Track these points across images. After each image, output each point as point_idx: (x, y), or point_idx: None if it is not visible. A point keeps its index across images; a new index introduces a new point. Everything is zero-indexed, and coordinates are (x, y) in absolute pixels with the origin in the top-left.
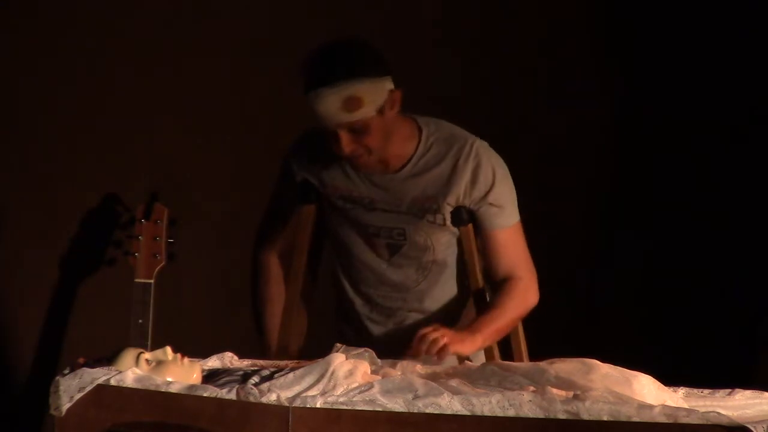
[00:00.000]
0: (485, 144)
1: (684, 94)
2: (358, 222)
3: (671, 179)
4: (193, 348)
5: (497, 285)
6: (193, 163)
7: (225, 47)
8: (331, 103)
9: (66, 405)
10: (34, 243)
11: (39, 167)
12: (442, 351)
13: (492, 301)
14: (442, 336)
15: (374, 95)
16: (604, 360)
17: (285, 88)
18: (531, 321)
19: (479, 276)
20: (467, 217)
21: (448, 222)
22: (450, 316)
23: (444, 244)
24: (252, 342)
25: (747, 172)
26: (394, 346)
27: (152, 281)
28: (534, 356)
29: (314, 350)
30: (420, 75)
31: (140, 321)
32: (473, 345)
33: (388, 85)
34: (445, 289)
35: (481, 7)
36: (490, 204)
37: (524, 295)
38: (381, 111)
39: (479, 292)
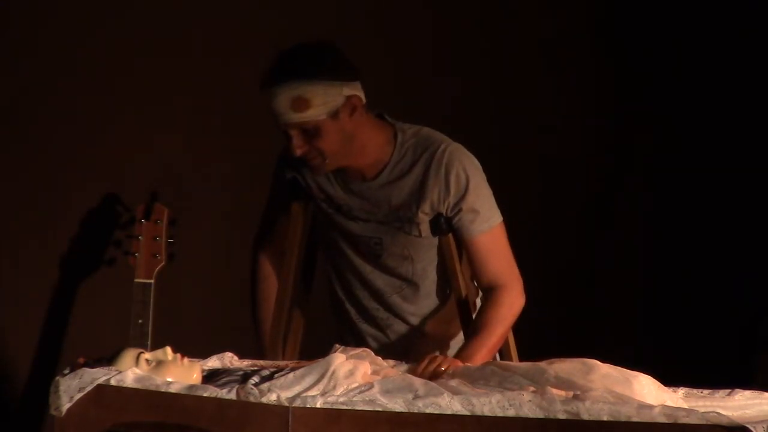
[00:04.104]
0: (458, 147)
1: (683, 94)
2: (340, 227)
3: (670, 179)
4: (193, 348)
5: (483, 294)
6: (193, 163)
7: (225, 47)
8: (280, 102)
9: (66, 405)
10: (34, 243)
11: (39, 167)
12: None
13: (479, 321)
14: (443, 364)
15: (324, 98)
16: (604, 360)
17: None
18: (529, 322)
19: (462, 285)
20: (446, 227)
21: (425, 234)
22: (435, 324)
23: (423, 254)
24: (252, 342)
25: (746, 171)
26: (384, 348)
27: (152, 281)
28: (532, 357)
29: (314, 350)
30: (417, 77)
31: (140, 321)
32: None
33: (346, 90)
34: (428, 298)
35: (480, 7)
36: (466, 210)
37: (510, 304)
38: (334, 115)
39: (463, 302)
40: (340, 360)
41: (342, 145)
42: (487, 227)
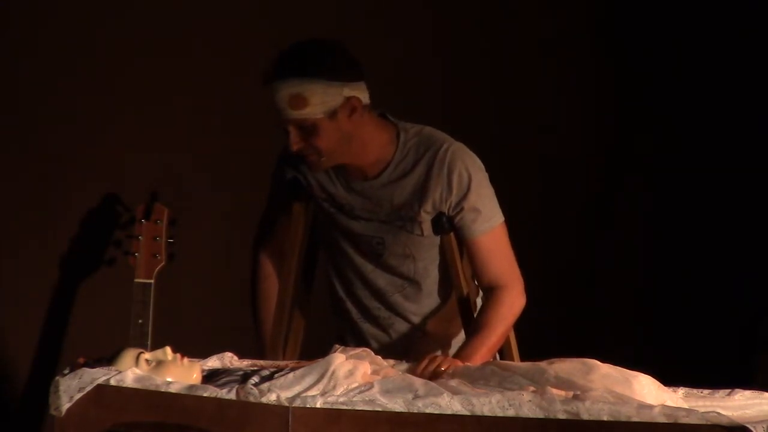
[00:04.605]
0: (461, 147)
1: (683, 94)
2: (342, 227)
3: (670, 179)
4: (193, 348)
5: (483, 292)
6: (193, 163)
7: (225, 47)
8: (279, 97)
9: (66, 405)
10: (34, 243)
11: (39, 167)
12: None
13: (480, 320)
14: (442, 364)
15: (322, 97)
16: (604, 360)
17: None
18: (530, 322)
19: (463, 285)
20: (448, 226)
21: (426, 232)
22: (436, 323)
23: (424, 253)
24: (252, 342)
25: (746, 171)
26: (385, 348)
27: (152, 281)
28: (533, 357)
29: (314, 350)
30: (417, 77)
31: (140, 321)
32: None
33: (347, 91)
34: (430, 297)
35: (480, 7)
36: (468, 209)
37: (510, 304)
38: (332, 115)
39: (465, 300)
40: (340, 360)
41: (339, 144)
42: (489, 227)
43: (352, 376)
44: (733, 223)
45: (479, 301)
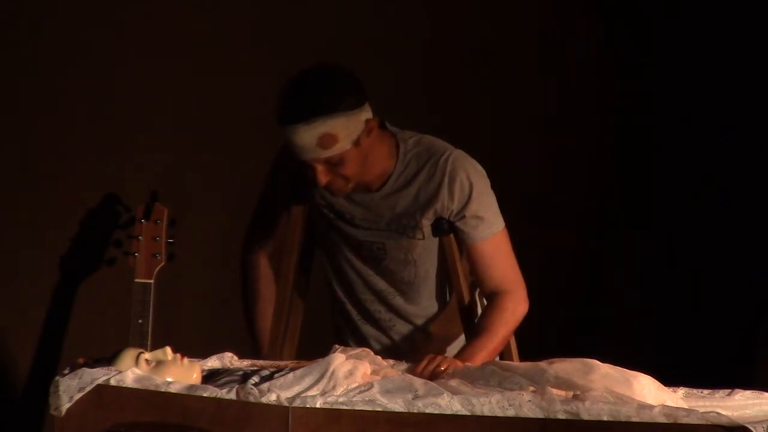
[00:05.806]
0: (461, 155)
1: (684, 94)
2: (342, 232)
3: (671, 179)
4: (193, 348)
5: (486, 298)
6: (193, 163)
7: (225, 47)
8: (306, 140)
9: (66, 405)
10: (34, 243)
11: (39, 167)
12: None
13: (482, 323)
14: (442, 364)
15: (349, 129)
16: (604, 360)
17: None
18: (530, 322)
19: (463, 287)
20: (447, 228)
21: (428, 236)
22: (438, 325)
23: (425, 257)
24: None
25: (746, 172)
26: (386, 349)
27: (152, 281)
28: (533, 357)
29: (314, 350)
30: (417, 79)
31: (140, 321)
32: None
33: (364, 115)
34: (430, 299)
35: (480, 6)
36: (470, 216)
37: (513, 309)
38: (357, 142)
39: (464, 302)
40: (339, 360)
41: (361, 166)
42: (490, 233)
43: (352, 376)
44: (733, 224)
45: (478, 299)
